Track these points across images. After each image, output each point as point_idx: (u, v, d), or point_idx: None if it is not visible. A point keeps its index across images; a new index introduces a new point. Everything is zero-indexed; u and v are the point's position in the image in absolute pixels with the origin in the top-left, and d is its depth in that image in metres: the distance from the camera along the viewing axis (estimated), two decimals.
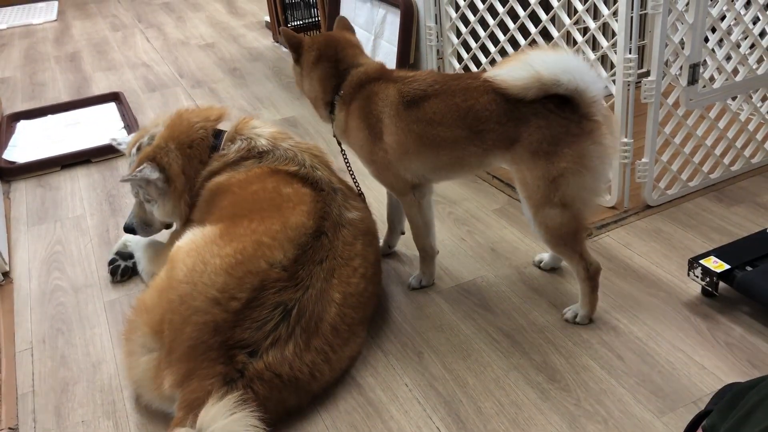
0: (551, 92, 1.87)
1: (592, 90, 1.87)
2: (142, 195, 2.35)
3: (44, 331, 2.32)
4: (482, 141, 1.98)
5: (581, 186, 1.92)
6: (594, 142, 1.90)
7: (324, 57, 2.17)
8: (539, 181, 1.93)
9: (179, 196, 2.28)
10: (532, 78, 1.85)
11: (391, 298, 2.34)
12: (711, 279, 2.11)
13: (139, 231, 2.45)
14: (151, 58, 5.11)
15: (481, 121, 1.95)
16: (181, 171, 2.26)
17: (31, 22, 6.36)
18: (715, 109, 2.71)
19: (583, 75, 1.85)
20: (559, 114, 1.89)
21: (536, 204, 1.97)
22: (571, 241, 2.00)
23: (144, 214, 2.42)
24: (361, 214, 2.18)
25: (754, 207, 2.63)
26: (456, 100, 1.98)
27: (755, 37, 2.70)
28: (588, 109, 1.89)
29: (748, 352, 1.96)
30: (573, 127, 1.89)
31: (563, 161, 1.89)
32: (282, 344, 1.82)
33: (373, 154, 2.12)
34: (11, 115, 4.05)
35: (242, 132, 2.30)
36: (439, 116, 1.99)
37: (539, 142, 1.90)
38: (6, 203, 3.17)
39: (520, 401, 1.87)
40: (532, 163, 1.93)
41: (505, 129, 1.94)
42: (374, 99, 2.08)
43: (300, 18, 4.80)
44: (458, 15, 3.03)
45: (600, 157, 1.92)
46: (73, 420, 1.94)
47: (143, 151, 2.29)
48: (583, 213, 1.98)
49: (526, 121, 1.91)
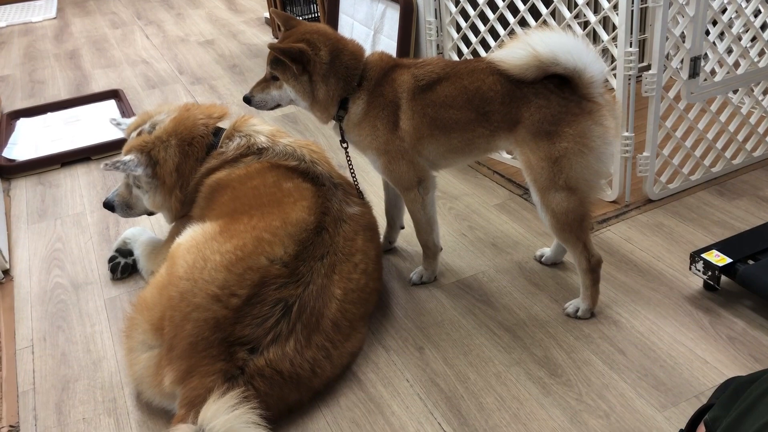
0: (550, 72, 1.90)
1: (590, 70, 1.89)
2: (131, 179, 2.35)
3: (45, 328, 2.32)
4: (489, 122, 2.00)
5: (585, 166, 1.93)
6: (595, 122, 1.92)
7: (336, 53, 2.08)
8: (543, 162, 1.94)
9: (169, 191, 2.27)
10: (531, 57, 1.88)
11: (392, 293, 2.34)
12: (713, 273, 2.10)
13: (118, 210, 2.45)
14: (150, 55, 5.10)
15: (487, 102, 1.98)
16: (176, 168, 2.25)
17: (30, 19, 6.35)
18: (716, 103, 2.71)
19: (581, 55, 1.87)
20: (560, 94, 1.92)
21: (542, 187, 1.98)
22: (577, 229, 2.00)
23: (128, 196, 2.41)
24: (361, 209, 2.18)
25: (756, 200, 2.62)
26: (464, 82, 2.01)
27: (756, 29, 2.69)
28: (587, 89, 1.91)
29: (750, 345, 1.95)
30: (573, 106, 1.91)
31: (564, 141, 1.91)
32: (283, 341, 1.82)
33: (388, 143, 2.09)
34: (11, 113, 4.04)
35: (241, 129, 2.29)
36: (450, 99, 2.02)
37: (540, 122, 1.93)
38: (6, 201, 3.17)
39: (521, 396, 1.87)
40: (535, 144, 1.95)
41: (508, 109, 1.96)
42: (393, 85, 2.07)
43: (299, 14, 4.79)
44: (458, 9, 3.02)
45: (601, 137, 1.93)
46: (73, 417, 1.94)
47: (138, 139, 2.27)
48: (588, 198, 1.99)
49: (528, 101, 1.94)
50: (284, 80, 2.12)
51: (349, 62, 2.09)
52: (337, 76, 2.08)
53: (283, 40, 2.12)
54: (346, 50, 2.10)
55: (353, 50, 2.11)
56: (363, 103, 2.09)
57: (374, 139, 2.11)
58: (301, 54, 2.04)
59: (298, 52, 2.03)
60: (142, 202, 2.39)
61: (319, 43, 2.07)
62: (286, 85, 2.12)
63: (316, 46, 2.06)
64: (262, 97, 2.19)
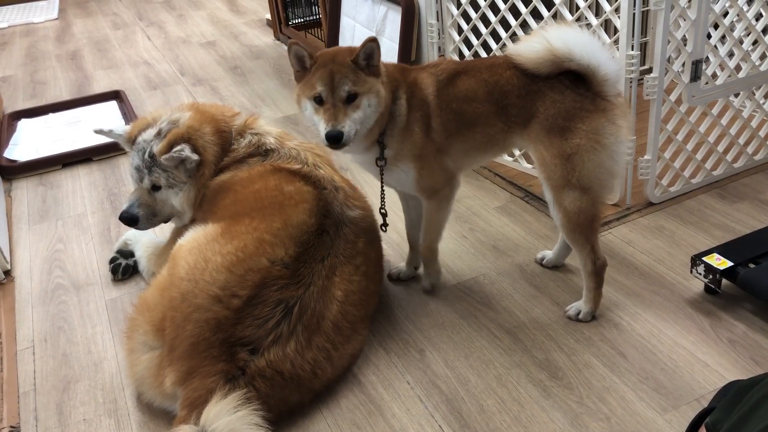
0: (564, 68, 1.92)
1: (604, 68, 1.91)
2: (164, 179, 2.21)
3: (46, 329, 2.32)
4: (506, 116, 2.01)
5: (597, 164, 1.94)
6: (608, 120, 1.93)
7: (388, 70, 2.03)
8: (556, 159, 1.95)
9: (204, 184, 2.21)
10: (547, 51, 1.90)
11: (392, 295, 2.34)
12: (714, 276, 2.10)
13: (142, 221, 2.28)
14: (152, 56, 5.10)
15: (505, 95, 2.00)
16: (214, 158, 2.20)
17: (32, 20, 6.35)
18: (717, 106, 2.70)
19: (596, 53, 1.90)
20: (574, 90, 1.94)
21: (556, 185, 1.98)
22: (587, 230, 2.01)
23: (153, 202, 2.27)
24: (362, 212, 2.18)
25: (757, 204, 2.62)
26: (484, 75, 2.03)
27: (758, 33, 2.69)
28: (600, 87, 1.93)
29: (750, 349, 1.95)
30: (587, 103, 1.93)
31: (577, 137, 1.92)
32: (283, 342, 1.82)
33: (423, 147, 2.05)
34: (12, 113, 4.05)
35: (252, 127, 2.29)
36: (471, 92, 2.03)
37: (554, 116, 1.94)
38: (7, 202, 3.17)
39: (522, 399, 1.86)
40: (548, 140, 1.96)
41: (524, 103, 1.98)
42: (419, 86, 2.06)
43: (301, 15, 4.79)
44: (460, 12, 3.02)
45: (614, 135, 1.94)
46: (74, 418, 1.94)
47: (173, 132, 2.18)
48: (601, 198, 2.00)
49: (543, 95, 1.96)
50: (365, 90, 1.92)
51: (394, 73, 2.04)
52: (389, 85, 2.00)
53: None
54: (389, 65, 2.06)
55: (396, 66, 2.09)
56: (404, 108, 2.02)
57: (413, 146, 2.04)
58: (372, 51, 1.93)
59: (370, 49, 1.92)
60: (168, 206, 2.27)
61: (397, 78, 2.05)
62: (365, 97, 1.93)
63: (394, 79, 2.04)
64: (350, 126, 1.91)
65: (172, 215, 2.33)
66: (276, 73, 4.53)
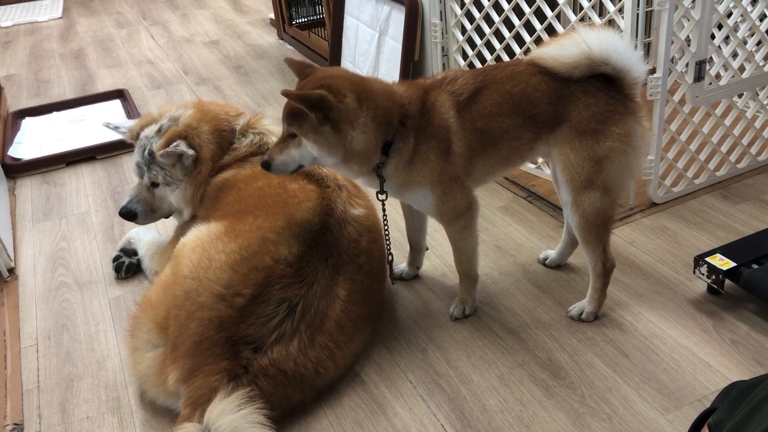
0: (597, 71, 1.91)
1: (635, 71, 1.91)
2: (161, 177, 2.25)
3: (49, 327, 2.32)
4: (534, 125, 1.96)
5: (625, 166, 1.94)
6: (637, 122, 1.94)
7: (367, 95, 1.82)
8: (584, 162, 1.93)
9: (201, 182, 2.23)
10: (583, 55, 1.88)
11: (395, 294, 2.34)
12: (717, 276, 2.10)
13: (140, 217, 2.34)
14: (155, 56, 5.11)
15: (534, 104, 1.94)
16: (211, 156, 2.22)
17: (36, 19, 6.37)
18: (721, 107, 2.70)
19: (629, 55, 1.89)
20: (607, 92, 1.92)
21: (578, 187, 1.96)
22: (602, 231, 2.01)
23: (152, 198, 2.32)
24: (365, 211, 2.18)
25: (760, 204, 2.62)
26: (507, 87, 1.95)
27: (762, 33, 2.69)
28: (630, 90, 1.93)
29: (753, 349, 1.95)
30: (619, 105, 1.92)
31: (610, 140, 1.91)
32: (287, 340, 1.83)
33: (442, 173, 1.93)
34: (16, 112, 4.06)
35: (255, 126, 2.30)
36: (497, 107, 1.94)
37: (588, 120, 1.92)
38: (11, 200, 3.18)
39: (524, 399, 1.87)
40: (579, 142, 1.93)
41: (555, 109, 1.94)
42: (437, 110, 1.92)
43: (305, 15, 4.79)
44: (463, 12, 3.02)
45: (643, 137, 1.95)
46: (78, 416, 1.95)
47: (171, 130, 2.21)
48: (619, 199, 2.00)
49: (576, 99, 1.93)
50: (303, 135, 1.79)
51: (385, 102, 1.85)
52: (377, 120, 1.82)
53: (299, 89, 1.83)
54: (377, 90, 1.85)
55: (385, 88, 1.89)
56: (412, 138, 1.89)
57: (428, 173, 1.93)
58: (321, 100, 1.72)
59: (318, 98, 1.71)
60: (167, 202, 2.32)
61: (344, 89, 1.78)
62: (305, 141, 1.80)
63: (340, 92, 1.77)
64: (282, 160, 1.84)
65: (171, 212, 2.38)
66: (279, 72, 4.54)
